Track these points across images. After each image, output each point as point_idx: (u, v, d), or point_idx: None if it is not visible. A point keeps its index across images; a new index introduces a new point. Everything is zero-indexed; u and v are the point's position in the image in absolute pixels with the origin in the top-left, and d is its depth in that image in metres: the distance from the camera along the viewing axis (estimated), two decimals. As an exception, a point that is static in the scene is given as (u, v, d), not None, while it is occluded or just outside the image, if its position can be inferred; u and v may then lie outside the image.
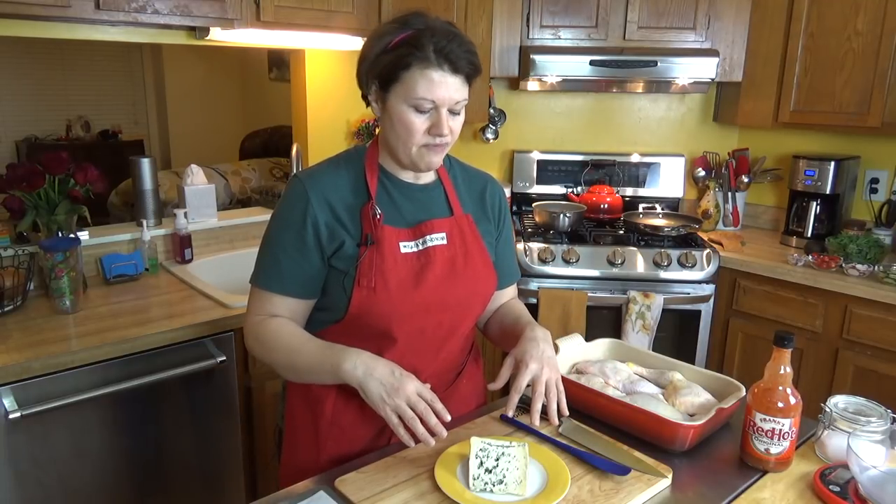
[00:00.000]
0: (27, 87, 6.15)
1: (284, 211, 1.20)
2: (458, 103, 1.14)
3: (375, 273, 1.15)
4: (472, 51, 1.14)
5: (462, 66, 1.12)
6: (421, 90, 1.11)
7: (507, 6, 2.72)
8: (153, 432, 1.76)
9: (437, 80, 1.11)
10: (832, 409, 1.16)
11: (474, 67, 1.15)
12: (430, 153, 1.16)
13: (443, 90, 1.11)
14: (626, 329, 2.52)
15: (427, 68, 1.10)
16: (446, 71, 1.11)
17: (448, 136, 1.15)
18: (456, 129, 1.17)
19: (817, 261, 2.39)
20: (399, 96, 1.13)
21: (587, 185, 3.07)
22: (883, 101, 2.41)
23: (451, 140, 1.17)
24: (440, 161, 1.20)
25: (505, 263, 1.37)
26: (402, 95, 1.12)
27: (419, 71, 1.10)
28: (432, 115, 1.13)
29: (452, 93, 1.12)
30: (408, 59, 1.10)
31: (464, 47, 1.12)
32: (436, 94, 1.11)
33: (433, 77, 1.10)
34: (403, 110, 1.13)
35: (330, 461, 1.24)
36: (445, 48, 1.10)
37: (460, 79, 1.13)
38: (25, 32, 1.90)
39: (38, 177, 1.85)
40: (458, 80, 1.13)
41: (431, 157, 1.17)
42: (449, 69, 1.11)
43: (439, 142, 1.15)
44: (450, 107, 1.14)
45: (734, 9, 2.73)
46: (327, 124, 2.70)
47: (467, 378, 1.37)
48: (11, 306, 1.81)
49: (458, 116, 1.17)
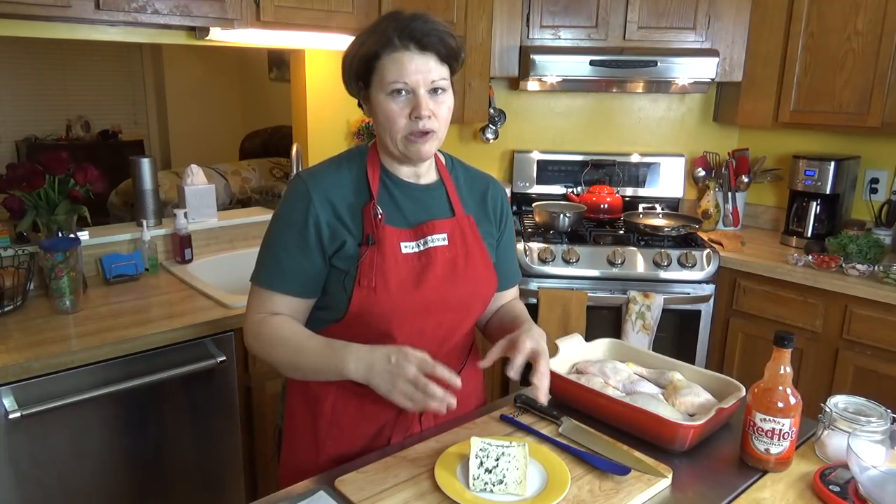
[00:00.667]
0: (27, 87, 6.15)
1: (286, 210, 1.20)
2: (434, 82, 1.13)
3: (376, 273, 1.15)
4: (439, 29, 1.13)
5: (430, 43, 1.12)
6: (391, 74, 1.11)
7: (507, 6, 2.72)
8: (153, 432, 1.76)
9: (406, 60, 1.11)
10: (832, 409, 1.16)
11: (446, 46, 1.14)
12: (417, 142, 1.15)
13: (412, 70, 1.11)
14: (626, 329, 2.52)
15: (393, 52, 1.11)
16: (413, 51, 1.11)
17: (430, 118, 1.13)
18: (441, 114, 1.15)
19: (817, 261, 2.39)
20: (377, 88, 1.14)
21: (587, 185, 3.07)
22: (883, 101, 2.41)
23: (436, 126, 1.15)
24: (430, 150, 1.18)
25: (506, 265, 1.37)
26: (378, 86, 1.14)
27: (387, 56, 1.12)
28: (411, 100, 1.13)
29: (424, 73, 1.12)
30: (375, 48, 1.12)
31: (429, 25, 1.12)
32: (406, 75, 1.11)
33: (401, 59, 1.11)
34: (382, 100, 1.14)
35: (329, 460, 1.24)
36: (408, 27, 1.10)
37: (431, 57, 1.13)
38: (25, 32, 1.90)
39: (38, 177, 1.85)
40: (428, 58, 1.12)
41: (419, 148, 1.16)
42: (416, 48, 1.11)
43: (422, 126, 1.13)
44: (426, 87, 1.13)
45: (734, 9, 2.73)
46: (327, 124, 2.70)
47: (467, 377, 1.37)
48: (11, 306, 1.81)
49: (441, 99, 1.15)
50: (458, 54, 1.17)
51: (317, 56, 2.60)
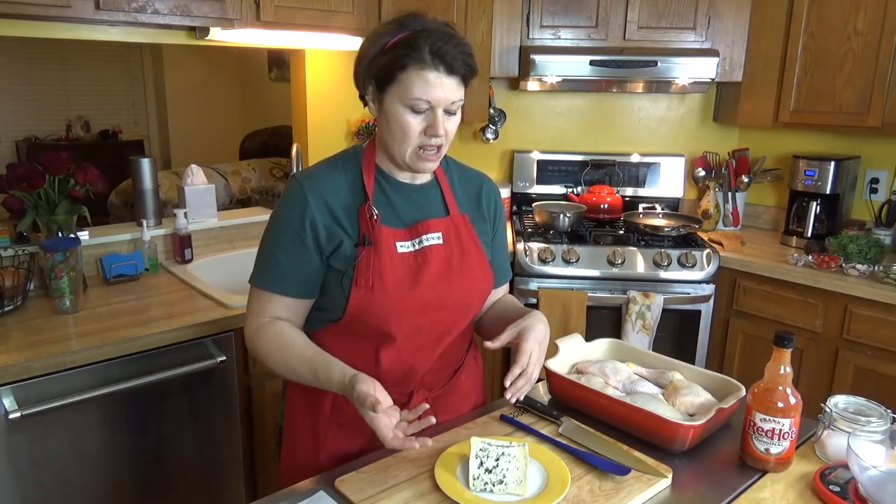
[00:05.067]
0: (27, 87, 6.15)
1: (283, 212, 1.21)
2: (453, 104, 1.15)
3: (373, 273, 1.16)
4: (468, 52, 1.14)
5: (458, 68, 1.13)
6: (417, 91, 1.11)
7: (507, 6, 2.72)
8: (153, 432, 1.76)
9: (433, 80, 1.11)
10: (832, 409, 1.16)
11: (470, 69, 1.15)
12: (426, 157, 1.17)
13: (438, 91, 1.12)
14: (626, 329, 2.52)
15: (423, 69, 1.11)
16: (442, 72, 1.11)
17: (443, 136, 1.16)
18: (451, 130, 1.18)
19: (817, 261, 2.39)
20: (395, 97, 1.14)
21: (587, 185, 3.07)
22: (883, 101, 2.41)
23: (445, 141, 1.17)
24: (436, 163, 1.21)
25: (499, 263, 1.38)
26: (398, 96, 1.13)
27: (415, 72, 1.11)
28: (428, 116, 1.14)
29: (448, 94, 1.13)
30: (404, 59, 1.11)
31: (460, 48, 1.13)
32: (431, 94, 1.12)
33: (429, 78, 1.11)
34: (399, 111, 1.14)
35: (330, 459, 1.25)
36: (441, 49, 1.10)
37: (456, 80, 1.14)
38: (25, 32, 1.90)
39: (38, 177, 1.85)
40: (453, 81, 1.13)
41: (427, 164, 1.19)
42: (445, 70, 1.12)
43: (434, 142, 1.15)
44: (445, 107, 1.14)
45: (734, 9, 2.73)
46: (327, 124, 2.70)
47: (466, 374, 1.37)
48: (11, 306, 1.81)
49: (453, 117, 1.17)
50: (476, 74, 1.18)
51: (317, 56, 2.60)
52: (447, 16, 2.53)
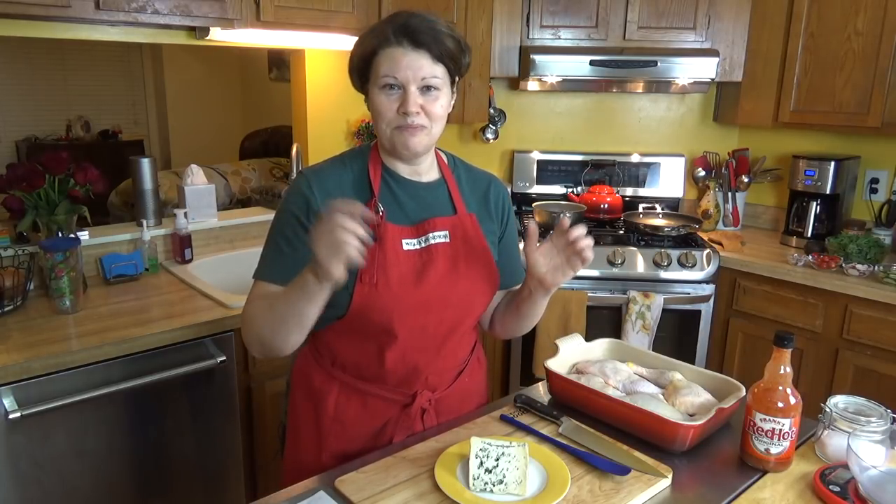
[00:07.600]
0: (27, 87, 6.14)
1: (289, 205, 1.21)
2: (424, 80, 1.13)
3: (377, 269, 1.16)
4: (436, 28, 1.13)
5: (423, 41, 1.12)
6: (384, 69, 1.13)
7: (507, 6, 2.72)
8: (153, 432, 1.76)
9: (398, 56, 1.12)
10: (832, 409, 1.16)
11: (439, 43, 1.13)
12: (405, 135, 1.15)
13: (404, 66, 1.12)
14: (626, 329, 2.52)
15: (388, 48, 1.13)
16: (406, 47, 1.12)
17: (418, 115, 1.14)
18: (433, 111, 1.16)
19: (817, 261, 2.39)
20: (373, 84, 1.16)
21: (587, 185, 3.07)
22: (883, 101, 2.41)
23: (426, 122, 1.15)
24: (419, 144, 1.17)
25: (511, 263, 1.36)
26: (374, 82, 1.15)
27: (382, 52, 1.13)
28: (401, 95, 1.14)
29: (415, 69, 1.12)
30: (372, 44, 1.14)
31: (425, 23, 1.12)
32: (396, 70, 1.12)
33: (393, 55, 1.12)
34: (375, 94, 1.16)
35: (332, 457, 1.25)
36: (405, 24, 1.12)
37: (425, 55, 1.13)
38: (25, 32, 1.90)
39: (38, 177, 1.85)
40: (420, 55, 1.12)
41: (407, 140, 1.16)
42: (409, 44, 1.12)
43: (410, 122, 1.14)
44: (416, 84, 1.13)
45: (734, 9, 2.73)
46: (327, 124, 2.70)
47: (469, 375, 1.37)
48: (11, 306, 1.81)
49: (432, 96, 1.15)
50: (455, 55, 1.16)
51: (317, 56, 2.60)
52: (447, 16, 2.53)
